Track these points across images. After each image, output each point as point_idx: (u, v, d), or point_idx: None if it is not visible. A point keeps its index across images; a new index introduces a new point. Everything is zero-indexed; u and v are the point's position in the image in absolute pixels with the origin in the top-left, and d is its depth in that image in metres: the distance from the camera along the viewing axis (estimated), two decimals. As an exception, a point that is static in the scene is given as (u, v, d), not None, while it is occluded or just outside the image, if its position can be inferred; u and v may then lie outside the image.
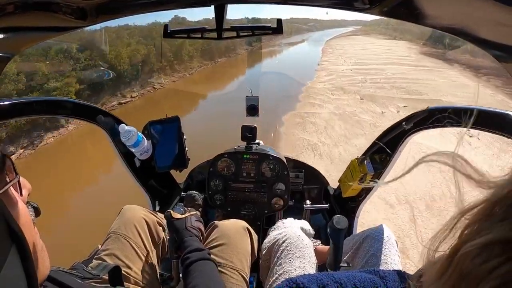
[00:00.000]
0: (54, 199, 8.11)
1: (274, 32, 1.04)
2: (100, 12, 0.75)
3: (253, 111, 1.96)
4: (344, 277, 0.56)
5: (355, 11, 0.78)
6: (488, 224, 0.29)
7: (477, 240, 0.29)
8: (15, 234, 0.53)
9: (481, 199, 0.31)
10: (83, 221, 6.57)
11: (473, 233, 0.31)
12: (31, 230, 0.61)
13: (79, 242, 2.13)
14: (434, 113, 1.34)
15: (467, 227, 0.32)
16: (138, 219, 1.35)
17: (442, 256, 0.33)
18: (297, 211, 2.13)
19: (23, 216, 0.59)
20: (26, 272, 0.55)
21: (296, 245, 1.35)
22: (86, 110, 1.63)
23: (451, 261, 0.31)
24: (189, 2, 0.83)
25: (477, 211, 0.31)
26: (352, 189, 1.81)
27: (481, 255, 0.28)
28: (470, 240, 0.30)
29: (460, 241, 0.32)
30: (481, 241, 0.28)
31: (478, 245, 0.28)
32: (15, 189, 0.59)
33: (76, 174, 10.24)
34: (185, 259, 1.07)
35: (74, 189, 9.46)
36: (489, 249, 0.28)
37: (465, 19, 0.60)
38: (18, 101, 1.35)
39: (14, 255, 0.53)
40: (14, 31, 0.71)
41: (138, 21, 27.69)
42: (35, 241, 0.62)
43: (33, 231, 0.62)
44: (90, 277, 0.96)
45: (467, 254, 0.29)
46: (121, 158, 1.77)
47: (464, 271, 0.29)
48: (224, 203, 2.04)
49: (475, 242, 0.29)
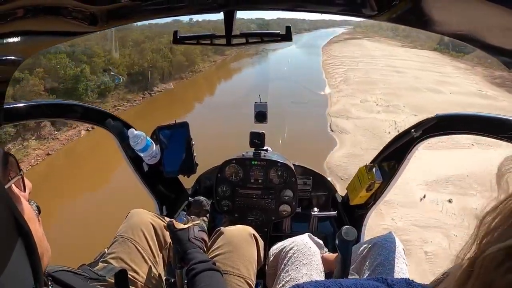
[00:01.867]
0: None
1: (283, 39, 1.04)
2: (110, 17, 0.77)
3: (261, 118, 1.96)
4: (352, 284, 0.55)
5: (363, 17, 0.78)
6: (505, 231, 0.28)
7: (495, 247, 0.28)
8: (21, 228, 0.54)
9: (496, 204, 0.31)
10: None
11: (493, 241, 0.30)
12: (35, 224, 0.62)
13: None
14: (443, 121, 1.32)
15: (487, 235, 0.31)
16: (145, 223, 1.35)
17: (460, 265, 0.32)
18: (304, 218, 2.12)
19: (27, 212, 0.60)
20: (32, 265, 0.56)
21: (303, 252, 1.34)
22: (96, 114, 1.65)
23: (472, 271, 0.30)
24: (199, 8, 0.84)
25: (496, 218, 0.31)
26: (360, 197, 1.79)
27: (504, 264, 0.27)
28: (490, 245, 0.29)
29: (480, 250, 0.31)
30: (500, 246, 0.28)
31: (500, 248, 0.28)
32: (18, 186, 0.61)
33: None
34: (191, 270, 1.06)
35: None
36: (508, 251, 0.27)
37: (474, 25, 0.60)
38: (29, 104, 1.38)
39: (20, 248, 0.54)
40: (25, 35, 0.72)
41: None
42: (39, 235, 0.63)
43: (37, 225, 0.63)
44: (96, 278, 0.97)
45: (489, 261, 0.28)
46: (129, 162, 1.79)
47: (487, 281, 0.28)
48: (231, 209, 2.03)
49: (492, 249, 0.28)
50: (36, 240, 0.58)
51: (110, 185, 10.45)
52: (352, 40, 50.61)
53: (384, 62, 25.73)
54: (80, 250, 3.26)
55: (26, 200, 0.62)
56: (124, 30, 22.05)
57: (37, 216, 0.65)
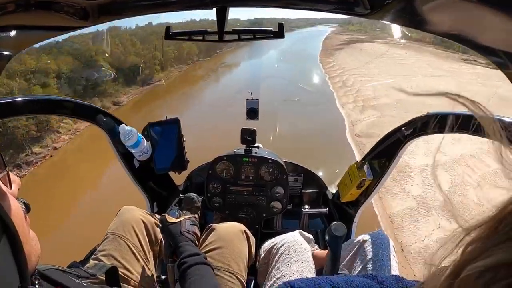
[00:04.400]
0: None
1: (275, 36, 1.04)
2: (101, 12, 0.76)
3: (253, 115, 1.96)
4: (342, 281, 0.56)
5: (356, 16, 0.79)
6: (492, 243, 0.28)
7: (480, 263, 0.28)
8: (5, 225, 0.54)
9: (486, 216, 0.30)
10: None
11: (477, 252, 0.29)
12: (22, 222, 0.61)
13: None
14: (434, 119, 1.33)
15: (471, 244, 0.31)
16: (136, 220, 1.35)
17: (443, 272, 0.32)
18: (295, 215, 2.13)
19: (13, 208, 0.59)
20: (18, 263, 0.55)
21: (294, 249, 1.35)
22: (86, 110, 1.63)
23: (453, 283, 0.30)
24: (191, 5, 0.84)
25: (482, 229, 0.30)
26: (351, 194, 1.80)
27: (484, 276, 0.27)
28: (473, 260, 0.29)
29: (462, 259, 0.31)
30: (485, 263, 0.27)
31: (482, 267, 0.27)
32: (4, 183, 0.60)
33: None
34: (182, 263, 1.06)
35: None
36: (494, 271, 0.27)
37: (467, 26, 0.60)
38: (19, 100, 1.36)
39: (5, 246, 0.53)
40: (16, 30, 0.71)
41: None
42: (26, 233, 0.62)
43: (25, 223, 0.62)
44: (86, 276, 0.96)
45: (470, 276, 0.28)
46: (120, 158, 1.77)
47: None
48: (222, 206, 2.04)
49: (478, 265, 0.28)
50: (23, 238, 0.57)
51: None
52: (357, 44, 34.73)
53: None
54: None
55: (14, 197, 0.61)
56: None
57: (25, 214, 0.64)
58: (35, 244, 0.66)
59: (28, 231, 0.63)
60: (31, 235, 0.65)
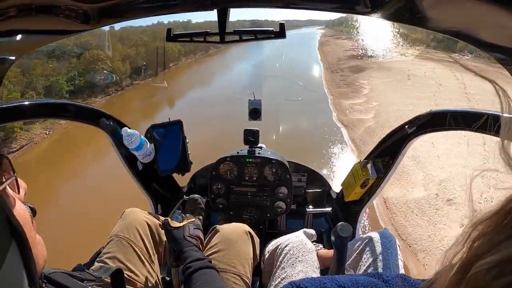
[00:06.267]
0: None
1: (277, 36, 1.04)
2: (102, 15, 0.76)
3: (255, 115, 1.96)
4: (348, 281, 0.55)
5: (357, 14, 0.78)
6: (498, 239, 0.28)
7: (488, 259, 0.28)
8: (15, 230, 0.54)
9: (493, 210, 0.30)
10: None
11: (484, 247, 0.30)
12: (30, 226, 0.62)
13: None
14: (437, 117, 1.33)
15: (478, 239, 0.31)
16: (140, 222, 1.35)
17: (451, 270, 0.32)
18: (299, 215, 2.13)
19: (21, 213, 0.59)
20: (27, 267, 0.56)
21: (299, 249, 1.34)
22: (89, 113, 1.64)
23: (463, 278, 0.30)
24: (192, 6, 0.83)
25: (487, 223, 0.30)
26: (355, 193, 1.80)
27: (492, 271, 0.27)
28: (481, 256, 0.29)
29: (469, 255, 0.31)
30: (492, 260, 0.27)
31: (490, 263, 0.27)
32: (12, 188, 0.60)
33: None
34: (187, 268, 1.05)
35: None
36: (502, 266, 0.27)
37: (468, 22, 0.60)
38: (21, 104, 1.37)
39: (14, 250, 0.54)
40: (17, 34, 0.71)
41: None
42: (33, 237, 0.63)
43: (32, 227, 0.63)
44: (91, 279, 0.96)
45: (478, 273, 0.28)
46: (124, 161, 1.78)
47: (477, 287, 0.28)
48: (226, 207, 2.03)
49: (486, 261, 0.28)
50: (30, 243, 0.57)
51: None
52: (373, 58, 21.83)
53: None
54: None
55: (21, 201, 0.62)
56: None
57: (32, 219, 0.64)
58: (42, 248, 0.66)
59: (35, 235, 0.64)
60: (37, 239, 0.65)
